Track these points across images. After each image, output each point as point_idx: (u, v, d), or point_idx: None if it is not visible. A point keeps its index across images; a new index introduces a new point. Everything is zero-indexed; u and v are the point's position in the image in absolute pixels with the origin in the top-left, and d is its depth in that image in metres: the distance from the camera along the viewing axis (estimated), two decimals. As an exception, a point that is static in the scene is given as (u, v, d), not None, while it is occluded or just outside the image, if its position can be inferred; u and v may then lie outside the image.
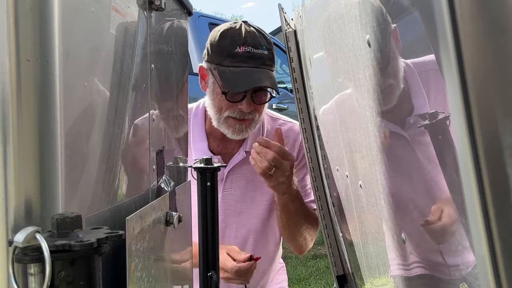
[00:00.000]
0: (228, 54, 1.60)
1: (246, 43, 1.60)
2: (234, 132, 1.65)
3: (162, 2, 0.90)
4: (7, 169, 0.53)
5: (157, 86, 0.96)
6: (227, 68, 1.60)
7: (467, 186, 0.40)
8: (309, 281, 4.51)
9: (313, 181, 1.56)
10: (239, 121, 1.64)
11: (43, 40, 0.55)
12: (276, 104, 5.34)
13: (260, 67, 1.62)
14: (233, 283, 1.56)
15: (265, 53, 1.63)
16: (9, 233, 0.53)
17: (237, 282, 1.55)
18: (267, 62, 1.64)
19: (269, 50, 1.65)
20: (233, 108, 1.63)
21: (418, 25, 0.49)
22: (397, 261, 0.78)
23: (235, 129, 1.65)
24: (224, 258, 1.53)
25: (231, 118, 1.64)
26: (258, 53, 1.62)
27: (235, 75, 1.59)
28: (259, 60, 1.61)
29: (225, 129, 1.66)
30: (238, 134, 1.66)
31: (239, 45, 1.60)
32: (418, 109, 0.57)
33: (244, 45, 1.60)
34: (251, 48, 1.61)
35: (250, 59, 1.60)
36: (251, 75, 1.59)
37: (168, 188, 0.98)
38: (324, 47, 1.02)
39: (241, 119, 1.64)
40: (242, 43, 1.60)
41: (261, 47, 1.63)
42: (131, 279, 0.69)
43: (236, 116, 1.64)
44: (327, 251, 1.65)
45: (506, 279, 0.38)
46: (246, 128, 1.66)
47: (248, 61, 1.60)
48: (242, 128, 1.65)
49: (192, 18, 2.15)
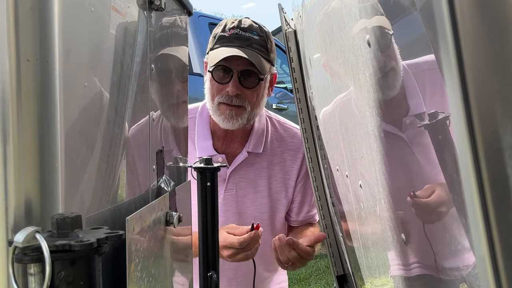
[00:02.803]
0: (217, 38, 1.64)
1: (236, 27, 1.63)
2: (225, 119, 1.64)
3: (162, 2, 0.90)
4: (7, 169, 0.53)
5: (157, 86, 0.96)
6: (214, 50, 1.63)
7: (467, 186, 0.40)
8: (309, 281, 4.51)
9: (313, 181, 1.57)
10: (229, 107, 1.63)
11: (43, 40, 0.55)
12: (276, 104, 5.34)
13: (246, 47, 1.61)
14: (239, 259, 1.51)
15: (254, 37, 1.63)
16: (9, 233, 0.53)
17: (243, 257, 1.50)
18: (254, 45, 1.63)
19: (261, 37, 1.65)
20: (222, 92, 1.63)
21: (418, 25, 0.49)
22: (397, 261, 0.78)
23: (225, 116, 1.64)
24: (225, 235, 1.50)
25: (222, 104, 1.64)
26: (246, 35, 1.62)
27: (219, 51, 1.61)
28: (246, 41, 1.62)
29: (217, 117, 1.66)
30: (229, 121, 1.64)
31: (229, 29, 1.63)
32: (416, 108, 0.57)
33: (233, 28, 1.63)
34: (239, 30, 1.62)
35: (236, 40, 1.61)
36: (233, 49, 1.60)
37: (168, 188, 0.98)
38: (324, 47, 1.02)
39: (231, 105, 1.63)
40: (232, 27, 1.63)
41: (252, 32, 1.63)
42: (131, 279, 0.69)
43: (225, 100, 1.63)
44: (327, 251, 1.65)
45: (506, 279, 0.38)
46: (237, 116, 1.64)
47: (234, 41, 1.61)
48: (232, 114, 1.63)
49: (192, 18, 2.15)
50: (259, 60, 1.62)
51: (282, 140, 1.82)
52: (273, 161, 1.79)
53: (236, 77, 1.61)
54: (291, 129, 1.85)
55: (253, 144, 1.75)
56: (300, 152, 1.80)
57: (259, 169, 1.77)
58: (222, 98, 1.63)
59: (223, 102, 1.63)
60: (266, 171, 1.77)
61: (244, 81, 1.62)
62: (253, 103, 1.67)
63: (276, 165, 1.79)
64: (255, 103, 1.68)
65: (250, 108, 1.66)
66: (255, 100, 1.67)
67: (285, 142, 1.82)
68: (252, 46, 1.62)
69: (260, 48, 1.64)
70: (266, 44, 1.66)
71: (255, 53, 1.62)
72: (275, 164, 1.79)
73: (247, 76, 1.63)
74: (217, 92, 1.64)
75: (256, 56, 1.61)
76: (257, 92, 1.66)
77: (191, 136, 1.68)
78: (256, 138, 1.76)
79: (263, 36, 1.65)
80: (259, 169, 1.77)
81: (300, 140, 1.78)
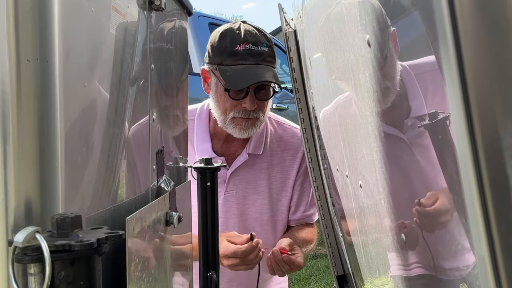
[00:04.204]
0: (228, 53, 1.61)
1: (246, 41, 1.61)
2: (240, 130, 1.65)
3: (162, 2, 0.90)
4: (7, 169, 0.53)
5: (157, 86, 0.96)
6: (228, 67, 1.61)
7: (467, 186, 0.40)
8: (309, 281, 4.51)
9: (313, 181, 1.56)
10: (245, 120, 1.65)
11: (43, 40, 0.55)
12: (276, 104, 5.33)
13: (261, 63, 1.62)
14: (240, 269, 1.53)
15: (265, 50, 1.63)
16: (9, 233, 0.53)
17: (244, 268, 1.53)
18: (267, 59, 1.64)
19: (270, 47, 1.65)
20: (237, 107, 1.63)
21: (418, 25, 0.49)
22: (397, 261, 0.78)
23: (241, 127, 1.65)
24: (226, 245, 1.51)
25: (238, 118, 1.65)
26: (259, 50, 1.62)
27: (237, 72, 1.59)
28: (260, 56, 1.62)
29: (232, 129, 1.66)
30: (245, 132, 1.66)
31: (239, 43, 1.61)
32: (417, 109, 0.57)
33: (244, 43, 1.61)
34: (251, 45, 1.61)
35: (250, 56, 1.61)
36: (252, 71, 1.60)
37: (168, 188, 0.98)
38: (324, 47, 1.02)
39: (246, 118, 1.65)
40: (242, 41, 1.61)
41: (261, 44, 1.63)
42: (131, 279, 0.69)
43: (241, 116, 1.64)
44: (327, 251, 1.65)
45: (506, 279, 0.38)
46: (252, 126, 1.67)
47: (248, 58, 1.61)
48: (248, 125, 1.65)
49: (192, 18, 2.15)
50: (274, 74, 1.64)
51: (281, 140, 1.82)
52: (272, 162, 1.79)
53: (252, 92, 1.62)
54: (290, 129, 1.85)
55: (253, 145, 1.75)
56: (299, 152, 1.80)
57: (259, 170, 1.77)
58: (238, 114, 1.64)
59: (238, 117, 1.65)
60: (266, 172, 1.77)
61: (259, 95, 1.64)
62: (265, 111, 1.70)
63: (276, 166, 1.79)
64: (266, 110, 1.71)
65: (263, 116, 1.69)
66: (266, 108, 1.70)
67: (284, 142, 1.82)
68: (266, 60, 1.63)
69: (271, 60, 1.66)
70: (274, 53, 1.68)
71: (269, 66, 1.64)
72: (275, 165, 1.79)
73: (261, 90, 1.65)
74: (231, 107, 1.64)
75: (271, 71, 1.63)
76: (268, 101, 1.70)
77: (190, 139, 1.68)
78: (256, 139, 1.77)
79: (270, 45, 1.67)
80: (259, 170, 1.77)
81: (299, 140, 1.79)
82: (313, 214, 1.84)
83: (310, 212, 1.83)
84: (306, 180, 1.80)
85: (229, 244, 1.52)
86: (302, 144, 1.74)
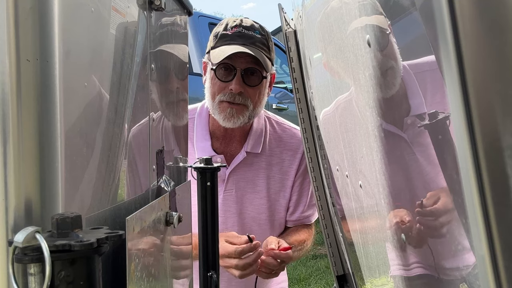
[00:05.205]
0: (220, 36, 1.63)
1: (238, 26, 1.63)
2: (225, 117, 1.63)
3: (162, 2, 0.90)
4: (7, 169, 0.53)
5: (157, 86, 0.96)
6: (217, 48, 1.62)
7: (467, 186, 0.40)
8: (309, 281, 4.51)
9: (313, 181, 1.56)
10: (231, 105, 1.63)
11: (43, 40, 0.55)
12: (276, 104, 5.34)
13: (249, 45, 1.61)
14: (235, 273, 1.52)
15: (257, 36, 1.63)
16: (9, 233, 0.53)
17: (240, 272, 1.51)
18: (257, 44, 1.62)
19: (263, 36, 1.65)
20: (224, 90, 1.62)
21: (418, 25, 0.49)
22: (397, 261, 0.78)
23: (226, 114, 1.63)
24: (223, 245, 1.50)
25: (224, 102, 1.63)
26: (249, 34, 1.62)
27: (223, 49, 1.60)
28: (249, 39, 1.61)
29: (218, 114, 1.65)
30: (230, 120, 1.64)
31: (231, 28, 1.63)
32: (417, 109, 0.57)
33: (236, 27, 1.62)
34: (242, 29, 1.62)
35: (239, 38, 1.61)
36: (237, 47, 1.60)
37: (168, 188, 0.98)
38: (323, 47, 1.02)
39: (233, 103, 1.62)
40: (234, 26, 1.63)
41: (254, 31, 1.63)
42: (131, 279, 0.69)
43: (227, 98, 1.62)
44: (327, 251, 1.65)
45: (506, 279, 0.38)
46: (238, 114, 1.64)
47: (237, 39, 1.61)
48: (233, 112, 1.63)
49: (192, 18, 2.15)
50: (263, 57, 1.62)
51: (281, 141, 1.82)
52: (271, 162, 1.79)
53: (239, 75, 1.60)
54: (289, 129, 1.85)
55: (251, 144, 1.75)
56: (299, 153, 1.79)
57: (258, 169, 1.77)
58: (224, 97, 1.62)
59: (225, 100, 1.62)
60: (264, 171, 1.77)
61: (247, 79, 1.62)
62: (255, 102, 1.67)
63: (275, 166, 1.79)
64: (257, 101, 1.68)
65: (253, 106, 1.66)
66: (257, 99, 1.67)
67: (283, 143, 1.82)
68: (255, 44, 1.62)
69: (263, 47, 1.64)
70: (268, 43, 1.66)
71: (259, 50, 1.62)
72: (274, 165, 1.79)
73: (250, 74, 1.63)
74: (219, 90, 1.63)
75: (260, 54, 1.62)
76: (259, 90, 1.67)
77: (190, 137, 1.68)
78: (255, 138, 1.76)
79: (265, 36, 1.66)
80: (258, 169, 1.77)
81: (299, 140, 1.78)
82: (311, 215, 1.84)
83: (308, 213, 1.82)
84: (305, 181, 1.80)
85: (227, 244, 1.51)
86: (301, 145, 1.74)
